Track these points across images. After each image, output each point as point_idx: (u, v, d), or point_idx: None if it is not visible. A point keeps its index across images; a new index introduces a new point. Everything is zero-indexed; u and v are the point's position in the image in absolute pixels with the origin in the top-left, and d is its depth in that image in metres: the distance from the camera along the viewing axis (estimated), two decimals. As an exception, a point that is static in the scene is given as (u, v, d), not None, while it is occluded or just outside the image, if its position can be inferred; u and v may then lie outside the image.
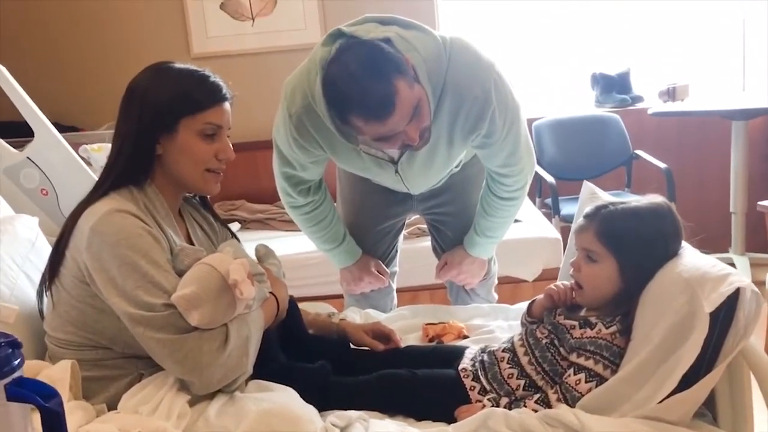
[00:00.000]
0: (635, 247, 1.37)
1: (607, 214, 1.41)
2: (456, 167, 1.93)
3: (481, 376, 1.43)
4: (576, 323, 1.38)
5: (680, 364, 1.21)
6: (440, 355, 1.56)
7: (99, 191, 1.45)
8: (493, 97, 1.62)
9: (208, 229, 1.64)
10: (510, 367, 1.42)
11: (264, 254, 1.67)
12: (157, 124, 1.45)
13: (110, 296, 1.34)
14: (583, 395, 1.30)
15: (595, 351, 1.33)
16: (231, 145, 1.54)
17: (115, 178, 1.46)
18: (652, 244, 1.38)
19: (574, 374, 1.32)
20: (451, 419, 1.37)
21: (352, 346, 1.64)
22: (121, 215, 1.38)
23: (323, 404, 1.37)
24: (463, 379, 1.44)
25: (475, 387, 1.42)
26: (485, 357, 1.46)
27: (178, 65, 1.52)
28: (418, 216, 2.18)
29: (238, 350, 1.35)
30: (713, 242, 3.45)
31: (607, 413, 1.25)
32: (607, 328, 1.34)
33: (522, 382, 1.39)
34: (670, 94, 3.76)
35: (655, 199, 1.44)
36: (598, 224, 1.40)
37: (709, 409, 1.32)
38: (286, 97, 1.71)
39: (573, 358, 1.35)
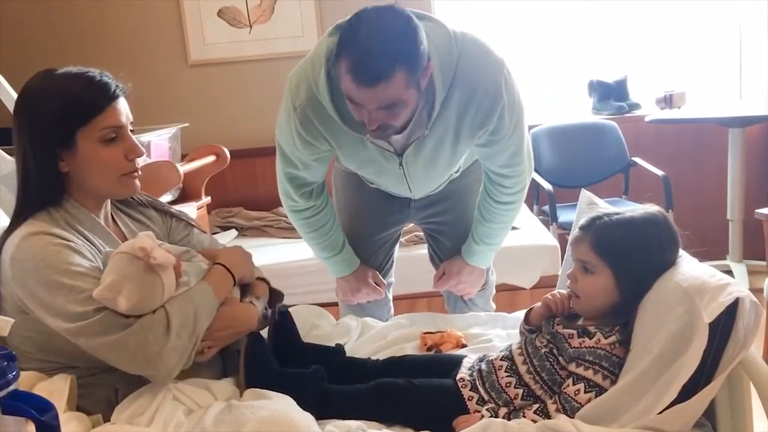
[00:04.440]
0: (631, 258, 1.37)
1: (601, 226, 1.41)
2: (456, 173, 1.93)
3: (479, 386, 1.42)
4: (574, 332, 1.38)
5: (680, 375, 1.20)
6: (438, 365, 1.55)
7: (18, 219, 1.42)
8: (503, 92, 1.63)
9: (152, 225, 1.61)
10: (508, 376, 1.41)
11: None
12: (52, 142, 1.40)
13: (46, 318, 1.34)
14: (582, 405, 1.29)
15: (594, 361, 1.32)
16: (137, 141, 1.47)
17: (29, 204, 1.42)
18: (648, 255, 1.37)
19: (573, 384, 1.32)
20: (449, 429, 1.36)
21: (347, 354, 1.64)
22: (36, 237, 1.36)
23: (319, 412, 1.36)
24: (461, 389, 1.43)
25: (473, 397, 1.41)
26: (483, 366, 1.46)
27: (62, 71, 1.45)
28: (414, 224, 2.18)
29: (186, 328, 1.34)
30: (710, 250, 3.45)
31: (607, 424, 1.25)
32: (606, 338, 1.34)
33: (520, 391, 1.39)
34: (668, 102, 3.76)
35: (651, 208, 1.44)
36: (593, 236, 1.40)
37: (708, 419, 1.31)
38: (290, 90, 1.68)
39: (572, 368, 1.34)
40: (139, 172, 1.50)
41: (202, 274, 1.47)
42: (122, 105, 1.45)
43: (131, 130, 1.48)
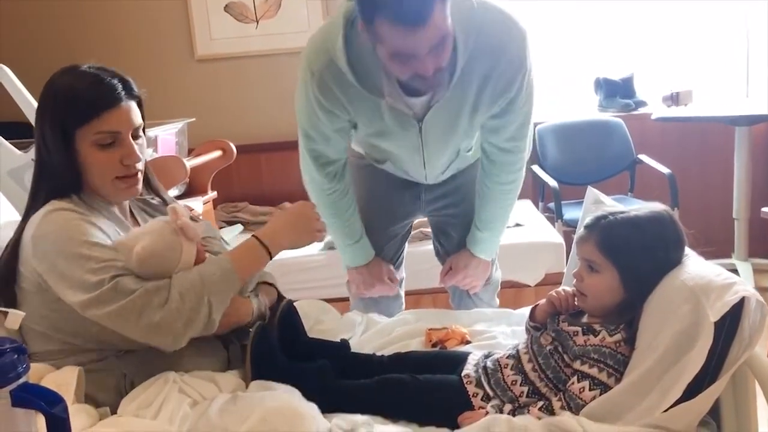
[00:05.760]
0: (636, 257, 1.37)
1: (606, 225, 1.41)
2: (468, 151, 1.92)
3: (484, 383, 1.43)
4: (579, 330, 1.38)
5: (685, 373, 1.21)
6: (443, 361, 1.56)
7: (35, 205, 1.45)
8: (527, 61, 1.65)
9: None
10: (513, 374, 1.41)
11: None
12: (60, 138, 1.42)
13: (64, 292, 1.35)
14: (586, 403, 1.30)
15: (599, 359, 1.33)
16: (136, 147, 1.47)
17: (48, 191, 1.45)
18: (653, 254, 1.37)
19: (578, 382, 1.32)
20: (453, 425, 1.36)
21: (352, 349, 1.64)
22: (57, 213, 1.40)
23: (324, 406, 1.36)
24: (466, 386, 1.44)
25: (478, 393, 1.42)
26: (488, 363, 1.46)
27: (83, 67, 1.46)
28: (421, 219, 2.17)
29: (190, 291, 1.35)
30: (716, 248, 3.45)
31: (611, 422, 1.25)
32: (611, 336, 1.34)
33: (525, 389, 1.39)
34: (674, 99, 3.76)
35: (656, 207, 1.44)
36: (598, 235, 1.40)
37: (713, 418, 1.31)
38: (308, 57, 1.68)
39: (577, 365, 1.35)
40: (139, 176, 1.50)
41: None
42: (126, 109, 1.44)
43: (140, 133, 1.49)
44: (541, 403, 1.34)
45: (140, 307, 1.31)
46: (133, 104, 1.47)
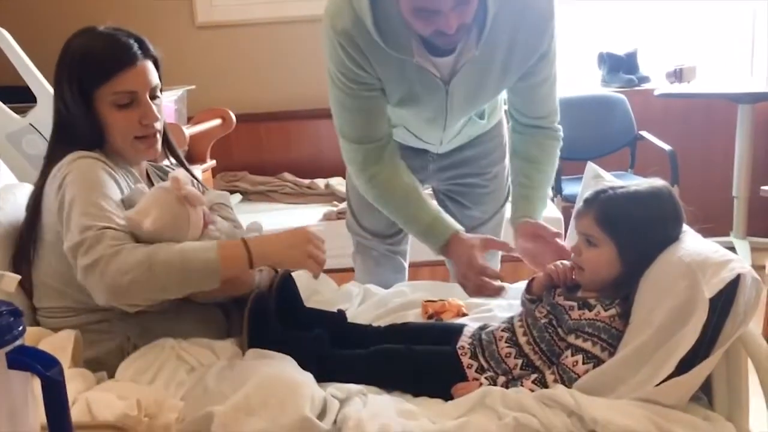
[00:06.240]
0: (634, 232, 1.37)
1: (605, 199, 1.41)
2: (480, 116, 1.89)
3: (478, 354, 1.44)
4: (575, 304, 1.39)
5: (678, 349, 1.21)
6: (438, 332, 1.56)
7: (54, 159, 1.46)
8: (554, 14, 1.63)
9: None
10: (508, 347, 1.42)
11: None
12: (79, 99, 1.43)
13: (65, 236, 1.35)
14: (579, 376, 1.31)
15: (593, 333, 1.33)
16: (154, 107, 1.48)
17: (69, 150, 1.45)
18: (651, 229, 1.37)
19: (572, 355, 1.33)
20: (447, 396, 1.37)
21: (348, 320, 1.65)
22: (84, 159, 1.41)
23: (320, 375, 1.37)
24: (460, 357, 1.44)
25: (472, 365, 1.43)
26: (483, 335, 1.47)
27: (100, 29, 1.47)
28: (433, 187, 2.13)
29: (166, 269, 1.29)
30: (715, 226, 3.45)
31: (604, 395, 1.26)
32: (605, 310, 1.35)
33: (519, 361, 1.40)
34: (677, 76, 3.73)
35: (656, 182, 1.43)
36: (597, 209, 1.40)
37: (705, 393, 1.32)
38: (331, 16, 1.60)
39: (571, 339, 1.35)
40: (158, 137, 1.51)
41: (233, 234, 1.49)
42: (142, 69, 1.45)
43: (157, 93, 1.50)
44: (534, 376, 1.35)
45: (106, 264, 1.27)
46: (150, 64, 1.48)
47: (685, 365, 1.21)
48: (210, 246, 1.35)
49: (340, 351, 1.47)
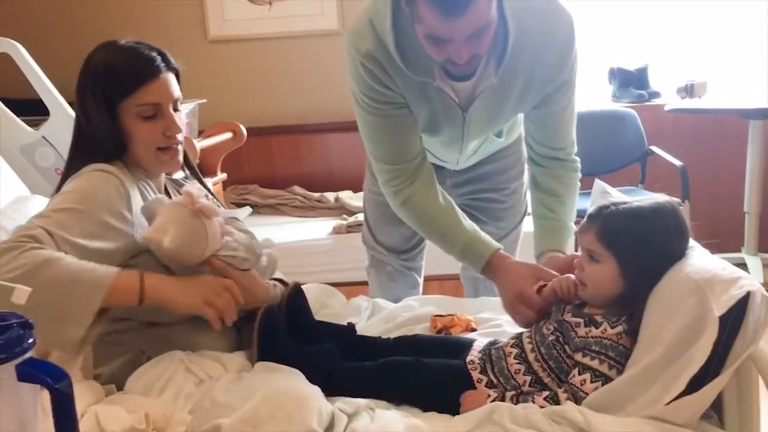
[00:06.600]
0: (635, 248, 1.36)
1: (607, 215, 1.40)
2: (497, 135, 1.89)
3: (488, 369, 1.43)
4: (581, 321, 1.38)
5: (689, 367, 1.20)
6: (448, 346, 1.56)
7: (72, 170, 1.47)
8: (575, 44, 1.64)
9: None
10: (517, 363, 1.41)
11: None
12: (105, 111, 1.45)
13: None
14: (588, 395, 1.30)
15: (600, 351, 1.33)
16: (177, 119, 1.51)
17: (88, 162, 1.47)
18: (654, 245, 1.36)
19: (579, 374, 1.32)
20: (455, 410, 1.37)
21: (358, 332, 1.65)
22: (99, 173, 1.42)
23: (329, 388, 1.37)
24: (470, 371, 1.44)
25: (482, 379, 1.42)
26: (493, 351, 1.46)
27: (121, 42, 1.50)
28: None
29: (52, 279, 1.25)
30: (725, 242, 3.43)
31: (613, 413, 1.25)
32: (612, 327, 1.34)
33: (528, 378, 1.39)
34: (688, 91, 3.72)
35: (660, 198, 1.43)
36: (599, 225, 1.40)
37: (716, 411, 1.31)
38: (354, 38, 1.60)
39: (578, 357, 1.35)
40: (179, 148, 1.53)
41: (252, 249, 1.51)
42: (165, 81, 1.48)
43: (179, 106, 1.52)
44: (546, 393, 1.35)
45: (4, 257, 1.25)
46: (172, 76, 1.50)
47: (695, 384, 1.20)
48: (110, 272, 1.32)
49: (349, 363, 1.47)
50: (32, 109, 2.83)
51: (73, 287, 1.27)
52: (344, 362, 1.47)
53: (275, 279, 1.67)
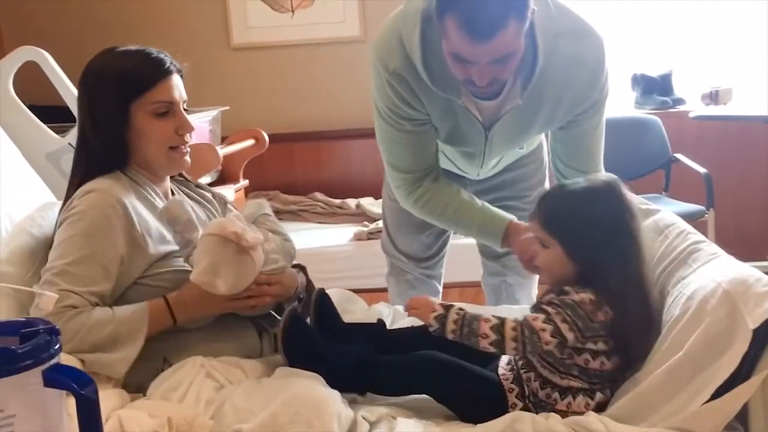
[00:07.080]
0: (573, 229, 1.37)
1: (544, 201, 1.43)
2: (521, 148, 1.88)
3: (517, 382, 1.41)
4: (555, 292, 1.38)
5: (715, 378, 1.19)
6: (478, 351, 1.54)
7: (77, 182, 1.50)
8: (605, 66, 1.62)
9: (210, 207, 1.67)
10: (525, 372, 1.40)
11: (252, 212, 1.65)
12: (110, 113, 1.47)
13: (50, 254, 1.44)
14: (543, 347, 1.30)
15: (558, 305, 1.33)
16: (188, 118, 1.54)
17: (93, 169, 1.50)
18: (593, 225, 1.36)
19: (543, 322, 1.32)
20: (479, 420, 1.35)
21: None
22: (93, 195, 1.44)
23: (363, 384, 1.39)
24: (502, 381, 1.41)
25: (513, 389, 1.40)
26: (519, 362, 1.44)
27: (122, 48, 1.52)
28: None
29: (96, 325, 1.37)
30: (752, 249, 3.38)
31: (636, 422, 1.24)
32: (577, 294, 1.34)
33: (538, 382, 1.38)
34: (713, 98, 3.69)
35: (597, 178, 1.45)
36: (539, 212, 1.42)
37: (741, 423, 1.29)
38: (381, 53, 1.61)
39: (544, 306, 1.35)
40: (188, 149, 1.55)
41: (287, 252, 1.56)
42: (176, 82, 1.51)
43: (185, 110, 1.54)
44: (493, 322, 1.34)
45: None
46: (179, 78, 1.53)
47: (720, 394, 1.19)
48: (141, 306, 1.43)
49: (384, 357, 1.44)
50: (58, 116, 2.87)
51: (118, 333, 1.38)
52: (379, 356, 1.44)
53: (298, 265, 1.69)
